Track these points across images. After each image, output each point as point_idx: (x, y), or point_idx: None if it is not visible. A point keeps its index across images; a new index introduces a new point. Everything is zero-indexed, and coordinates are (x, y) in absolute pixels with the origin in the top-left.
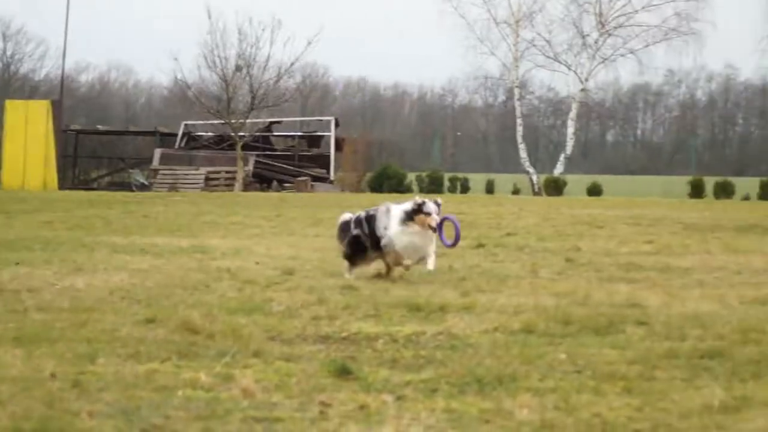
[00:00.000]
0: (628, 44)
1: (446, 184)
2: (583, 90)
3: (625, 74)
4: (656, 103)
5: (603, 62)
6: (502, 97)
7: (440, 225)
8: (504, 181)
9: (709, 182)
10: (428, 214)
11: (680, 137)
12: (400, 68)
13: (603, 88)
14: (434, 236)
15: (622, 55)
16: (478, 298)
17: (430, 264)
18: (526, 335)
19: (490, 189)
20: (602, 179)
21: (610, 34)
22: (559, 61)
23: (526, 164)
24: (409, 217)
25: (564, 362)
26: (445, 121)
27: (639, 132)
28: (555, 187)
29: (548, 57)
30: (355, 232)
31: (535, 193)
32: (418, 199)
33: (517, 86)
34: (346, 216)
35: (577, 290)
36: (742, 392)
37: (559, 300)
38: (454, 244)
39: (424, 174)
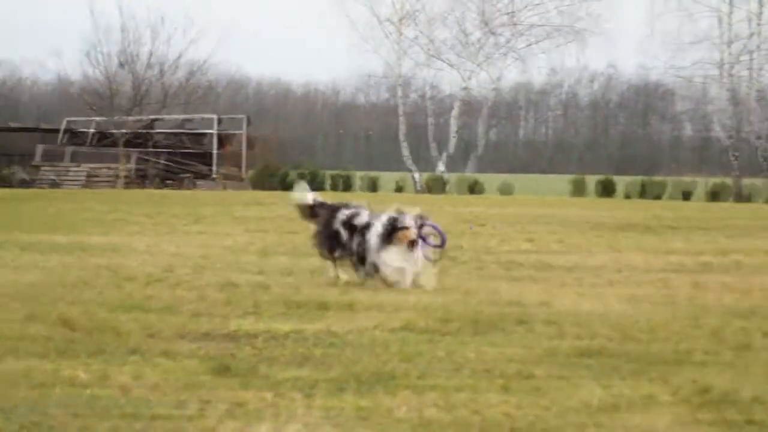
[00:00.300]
0: (510, 43)
1: (328, 181)
2: (465, 88)
3: (508, 73)
4: (539, 102)
5: (486, 61)
6: (385, 95)
7: (422, 237)
8: (387, 179)
9: (591, 181)
10: (405, 228)
11: (562, 136)
12: (284, 65)
13: (485, 86)
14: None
15: (505, 54)
16: (358, 296)
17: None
18: (406, 333)
19: (373, 187)
20: (485, 177)
21: (492, 33)
22: (442, 60)
23: (409, 162)
24: (390, 237)
25: (443, 360)
26: (328, 118)
27: (521, 131)
28: (437, 185)
29: (431, 55)
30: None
31: (418, 191)
32: (393, 213)
33: (399, 84)
34: (316, 198)
35: (457, 288)
36: (621, 390)
37: (439, 298)
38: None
39: (306, 171)
